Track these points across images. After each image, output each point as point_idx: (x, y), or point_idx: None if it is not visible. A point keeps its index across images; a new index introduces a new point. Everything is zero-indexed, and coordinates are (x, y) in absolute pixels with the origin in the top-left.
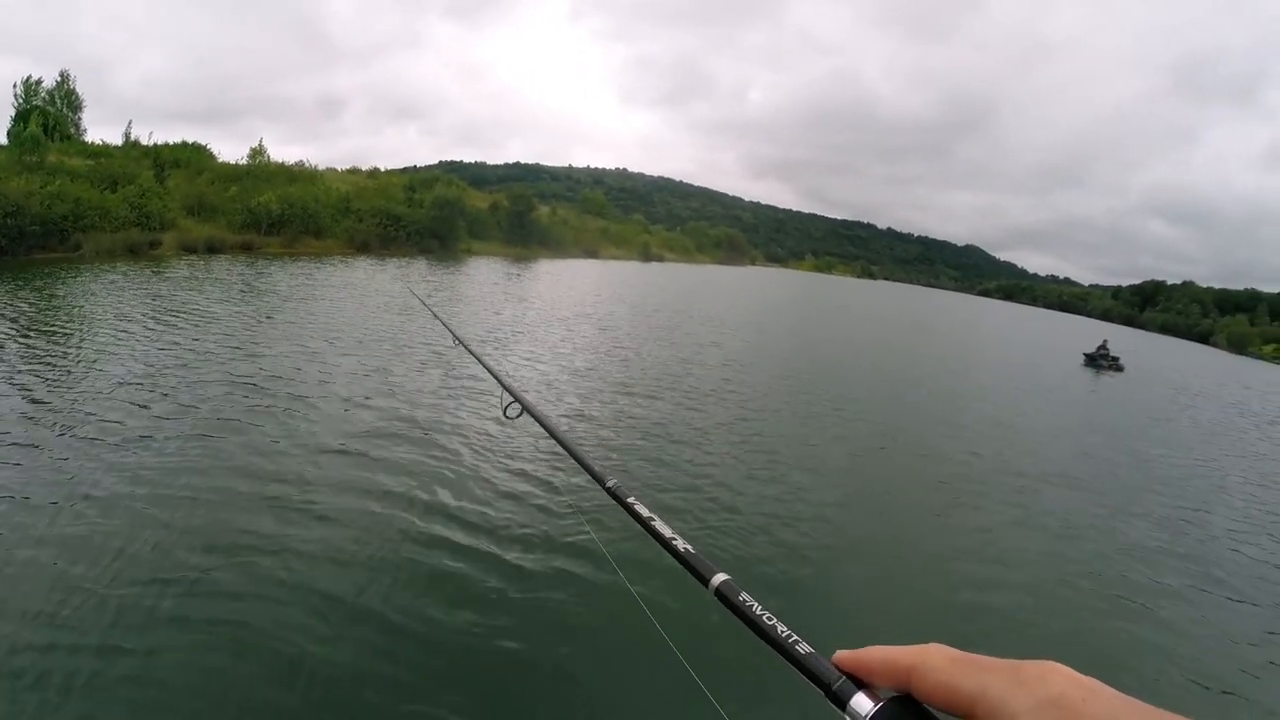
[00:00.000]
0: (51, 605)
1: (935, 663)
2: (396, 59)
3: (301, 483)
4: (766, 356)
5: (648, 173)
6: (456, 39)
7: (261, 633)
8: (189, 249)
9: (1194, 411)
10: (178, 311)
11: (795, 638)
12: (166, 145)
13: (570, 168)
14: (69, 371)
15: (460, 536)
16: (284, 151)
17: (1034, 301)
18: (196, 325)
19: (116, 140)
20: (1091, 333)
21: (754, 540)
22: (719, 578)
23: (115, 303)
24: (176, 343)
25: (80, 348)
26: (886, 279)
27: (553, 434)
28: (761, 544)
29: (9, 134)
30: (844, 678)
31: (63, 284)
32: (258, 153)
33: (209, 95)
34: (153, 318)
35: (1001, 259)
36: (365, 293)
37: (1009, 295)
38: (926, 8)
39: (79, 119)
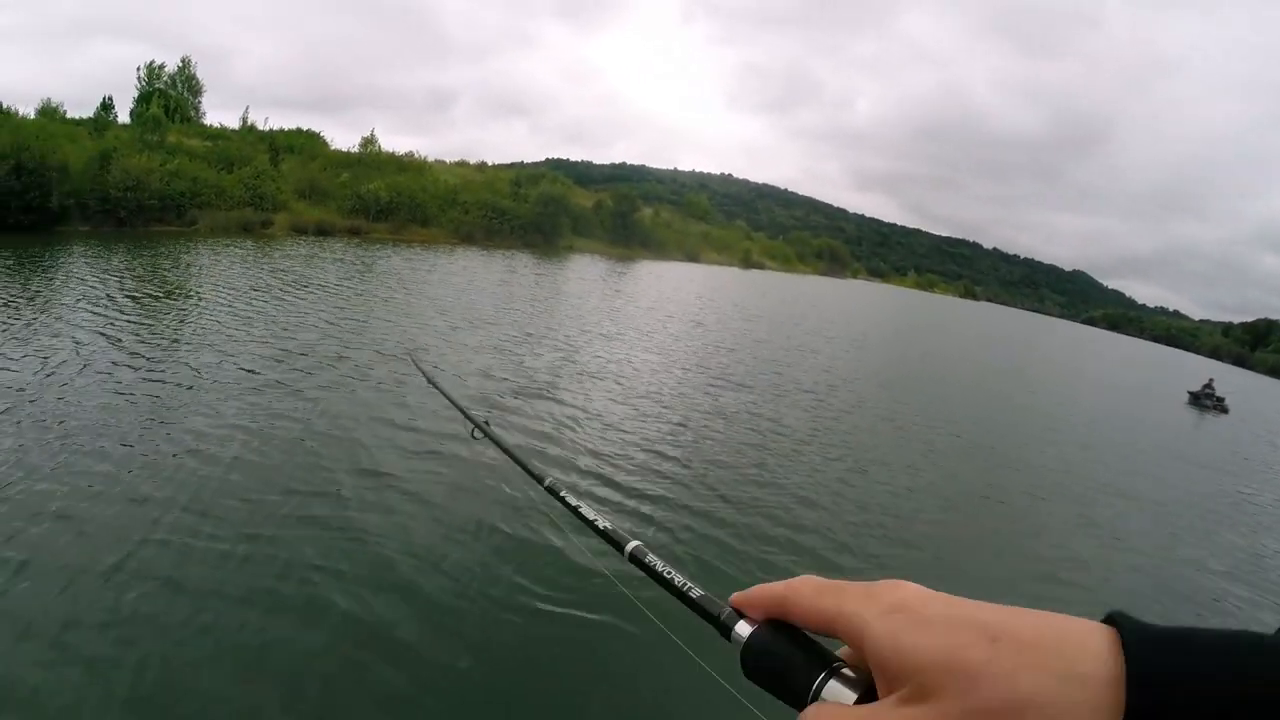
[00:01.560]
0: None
1: (803, 590)
2: (507, 57)
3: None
4: (882, 373)
5: (752, 179)
6: (567, 40)
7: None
8: (299, 230)
9: None
10: (310, 285)
11: (690, 585)
12: (281, 131)
13: (675, 170)
14: (190, 329)
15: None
16: (394, 142)
17: (1140, 333)
18: (321, 295)
19: (234, 124)
20: (1199, 370)
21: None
22: (631, 544)
23: (243, 273)
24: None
25: (208, 310)
26: (989, 300)
27: (501, 445)
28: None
29: (131, 114)
30: (729, 610)
31: (186, 254)
32: (369, 142)
33: (323, 85)
34: (291, 287)
35: (1109, 286)
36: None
37: (1115, 325)
38: (1039, 22)
39: (199, 103)
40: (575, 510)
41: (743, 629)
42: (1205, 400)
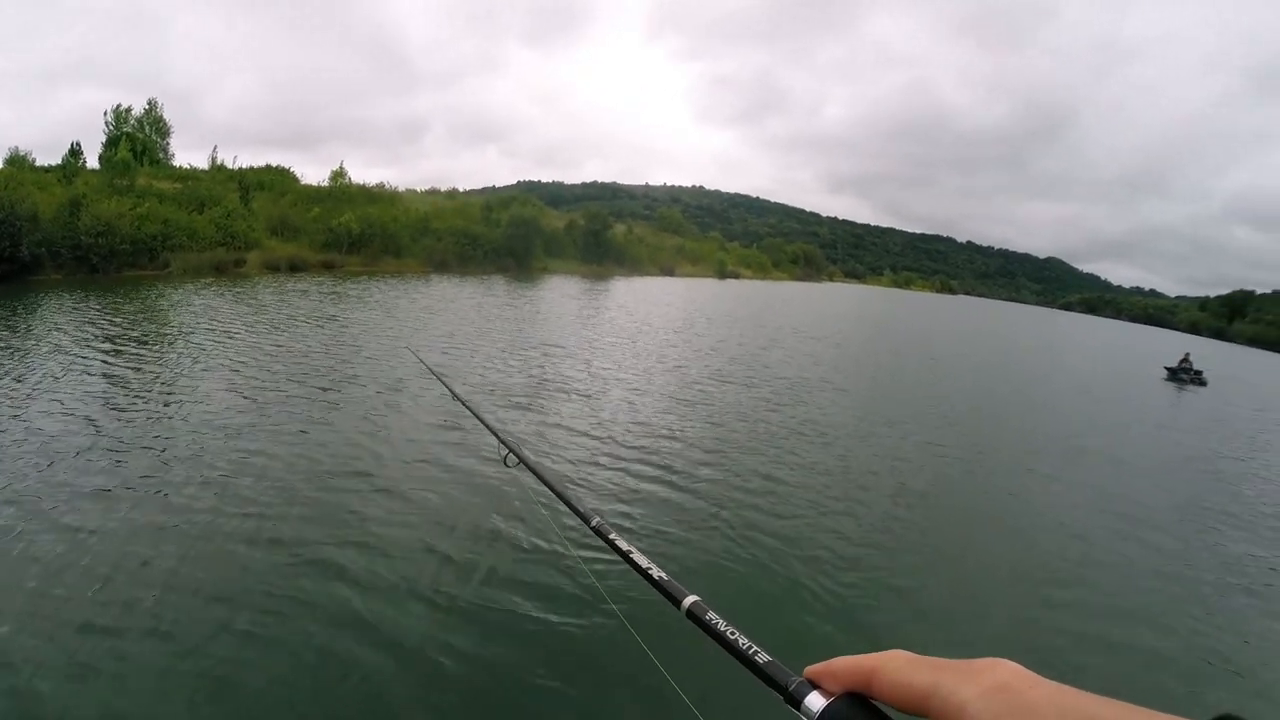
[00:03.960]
0: (150, 588)
1: (894, 664)
2: (475, 83)
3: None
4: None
5: (724, 190)
6: (534, 64)
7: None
8: (273, 267)
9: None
10: (313, 318)
11: (755, 648)
12: (251, 168)
13: (647, 186)
14: (172, 374)
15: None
16: (366, 174)
17: (1118, 314)
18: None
19: (203, 164)
20: (1178, 346)
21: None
22: (689, 599)
23: (246, 311)
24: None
25: (190, 353)
26: (967, 294)
27: (544, 480)
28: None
29: (100, 159)
30: (800, 680)
31: (162, 298)
32: (339, 175)
33: (294, 121)
34: (296, 321)
35: (1084, 271)
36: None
37: (1092, 308)
38: (1000, 17)
39: (167, 144)
40: (627, 556)
41: (815, 701)
42: (1182, 375)
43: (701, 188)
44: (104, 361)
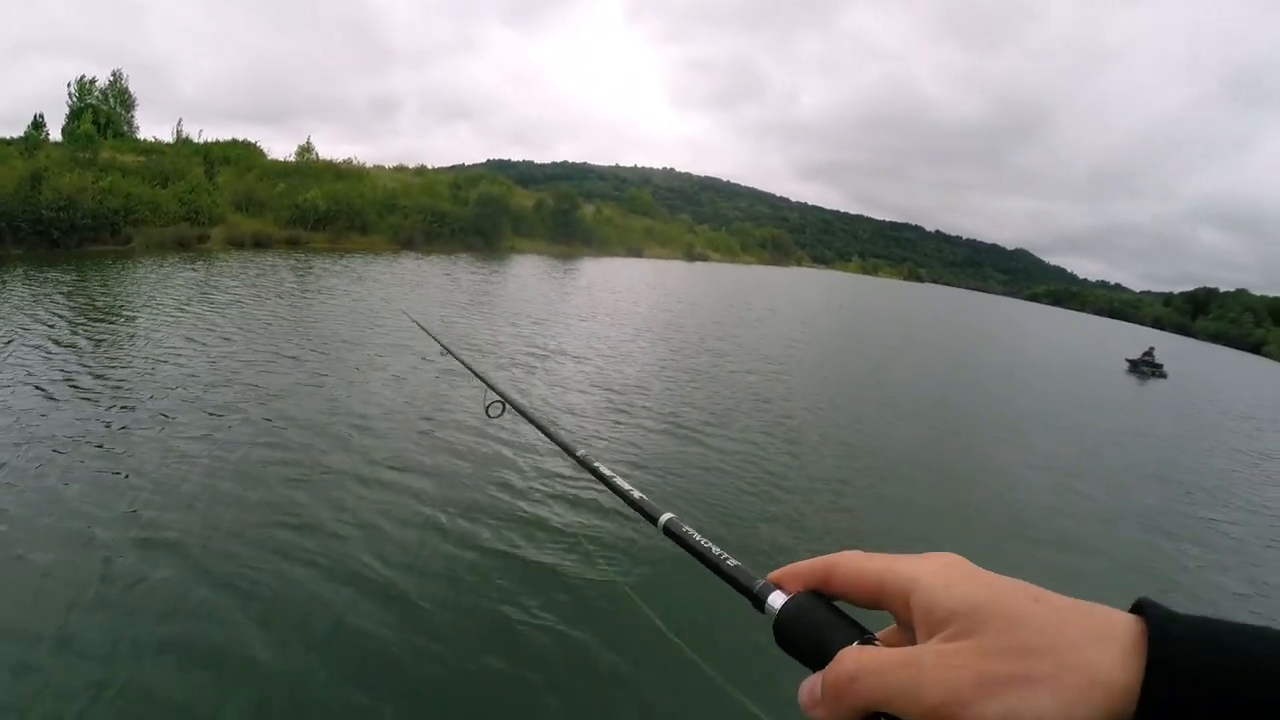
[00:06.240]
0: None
1: (849, 559)
2: (451, 62)
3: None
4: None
5: (695, 173)
6: (511, 43)
7: (291, 608)
8: (237, 243)
9: (1222, 418)
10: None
11: (725, 555)
12: (216, 142)
13: (617, 167)
14: (137, 351)
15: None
16: (338, 150)
17: (1083, 307)
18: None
19: (168, 138)
20: (1141, 340)
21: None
22: (665, 516)
23: (238, 285)
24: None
25: (148, 330)
26: (934, 282)
27: (533, 420)
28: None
29: (63, 131)
30: (764, 583)
31: (129, 273)
32: (305, 150)
33: (264, 96)
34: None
35: (1051, 263)
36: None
37: (1058, 300)
38: (982, 16)
39: (132, 117)
40: (609, 481)
41: (776, 599)
42: (1144, 368)
43: (672, 170)
44: (125, 330)
